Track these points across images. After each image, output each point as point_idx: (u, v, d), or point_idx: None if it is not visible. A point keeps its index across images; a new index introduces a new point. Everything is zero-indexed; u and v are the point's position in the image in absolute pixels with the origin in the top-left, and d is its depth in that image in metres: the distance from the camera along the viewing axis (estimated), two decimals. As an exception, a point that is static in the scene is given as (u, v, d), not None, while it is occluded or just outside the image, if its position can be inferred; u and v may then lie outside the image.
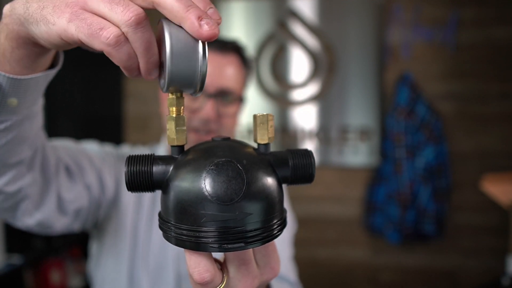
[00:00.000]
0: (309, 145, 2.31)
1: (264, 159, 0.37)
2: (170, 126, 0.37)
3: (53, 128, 2.69)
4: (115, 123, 2.54)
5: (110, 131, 2.57)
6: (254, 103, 2.34)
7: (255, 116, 0.38)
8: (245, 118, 2.34)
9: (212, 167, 0.34)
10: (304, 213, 2.32)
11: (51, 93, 3.04)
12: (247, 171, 0.34)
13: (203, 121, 0.82)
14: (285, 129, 2.33)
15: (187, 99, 0.82)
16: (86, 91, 2.62)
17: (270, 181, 0.36)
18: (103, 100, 2.58)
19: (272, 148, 0.40)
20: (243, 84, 0.91)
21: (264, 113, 0.38)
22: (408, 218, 2.10)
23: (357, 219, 2.30)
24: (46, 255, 2.11)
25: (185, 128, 0.38)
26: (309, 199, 2.34)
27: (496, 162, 2.14)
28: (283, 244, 0.88)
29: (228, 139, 0.39)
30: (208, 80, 0.82)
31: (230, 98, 0.85)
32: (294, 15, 2.29)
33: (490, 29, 2.13)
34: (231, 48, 0.87)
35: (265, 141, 0.38)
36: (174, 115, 0.37)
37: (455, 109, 2.18)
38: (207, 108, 0.82)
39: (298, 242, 1.21)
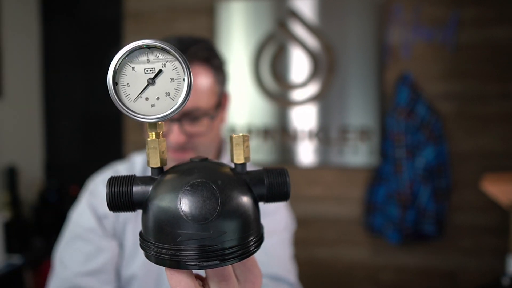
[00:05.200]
0: (309, 145, 2.31)
1: (240, 178, 0.39)
2: (149, 150, 0.39)
3: (53, 128, 2.69)
4: (115, 123, 2.54)
5: (110, 131, 2.57)
6: (254, 103, 2.34)
7: (231, 137, 0.40)
8: (245, 118, 2.34)
9: (188, 187, 0.36)
10: (304, 213, 2.32)
11: (51, 93, 3.05)
12: (221, 191, 0.36)
13: (174, 144, 0.80)
14: (285, 129, 2.33)
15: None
16: (86, 91, 2.62)
17: (245, 200, 0.37)
18: (103, 100, 2.58)
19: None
20: (215, 91, 0.83)
21: (240, 134, 0.40)
22: (408, 218, 2.10)
23: (357, 219, 2.30)
24: (46, 255, 2.11)
25: (164, 151, 0.40)
26: (309, 199, 2.34)
27: (496, 162, 2.14)
28: (282, 245, 0.88)
29: (206, 159, 0.41)
30: None
31: (196, 117, 0.79)
32: (294, 15, 2.29)
33: (490, 29, 2.12)
34: (191, 57, 0.78)
35: (241, 161, 0.40)
36: (153, 139, 0.39)
37: (455, 109, 2.18)
38: (174, 133, 0.79)
39: (298, 242, 1.21)
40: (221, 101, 0.86)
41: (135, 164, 0.94)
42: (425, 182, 2.09)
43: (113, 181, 0.39)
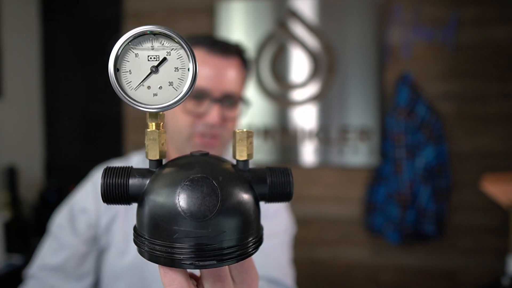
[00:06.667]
0: (309, 145, 2.31)
1: (242, 176, 0.37)
2: (148, 141, 0.37)
3: (53, 128, 2.69)
4: (115, 123, 2.54)
5: (110, 131, 2.57)
6: (254, 103, 2.34)
7: (234, 132, 0.38)
8: (245, 118, 2.34)
9: (187, 182, 0.34)
10: (304, 213, 2.32)
11: (51, 93, 3.04)
12: (222, 188, 0.34)
13: (209, 126, 0.82)
14: (285, 129, 2.33)
15: (192, 104, 0.82)
16: (86, 91, 2.62)
17: (246, 198, 0.36)
18: (103, 100, 2.57)
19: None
20: (244, 85, 0.92)
21: (244, 130, 0.38)
22: (408, 218, 2.10)
23: (357, 219, 2.30)
24: (46, 255, 2.11)
25: (164, 143, 0.38)
26: (309, 199, 2.34)
27: (496, 162, 2.14)
28: (282, 248, 0.88)
29: (206, 154, 0.39)
30: (213, 85, 0.83)
31: (234, 101, 0.86)
32: (294, 15, 2.29)
33: (490, 29, 2.12)
34: (233, 51, 0.87)
35: (244, 158, 0.38)
36: (153, 129, 0.37)
37: (455, 109, 2.18)
38: (213, 113, 0.82)
39: (298, 242, 1.21)
40: (244, 99, 0.92)
41: (131, 161, 0.96)
42: (425, 182, 2.09)
43: (109, 172, 0.37)
